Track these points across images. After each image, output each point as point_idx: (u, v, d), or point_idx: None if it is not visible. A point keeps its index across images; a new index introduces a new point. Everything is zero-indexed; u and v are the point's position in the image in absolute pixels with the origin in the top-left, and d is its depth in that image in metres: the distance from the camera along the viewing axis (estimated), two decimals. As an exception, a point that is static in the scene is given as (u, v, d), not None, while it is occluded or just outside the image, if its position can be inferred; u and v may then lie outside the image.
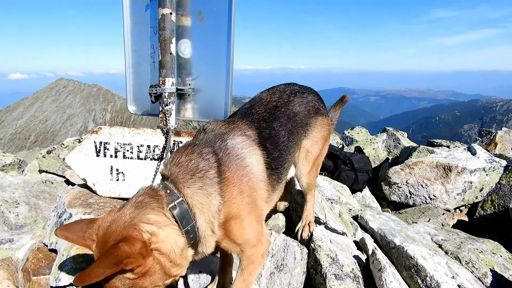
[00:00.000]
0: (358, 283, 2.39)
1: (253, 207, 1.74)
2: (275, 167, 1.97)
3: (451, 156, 4.73)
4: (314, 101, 2.39)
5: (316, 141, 2.39)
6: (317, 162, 2.52)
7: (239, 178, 1.69)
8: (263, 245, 1.84)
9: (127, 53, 2.86)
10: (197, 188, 1.59)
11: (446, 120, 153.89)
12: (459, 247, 3.28)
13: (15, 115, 75.78)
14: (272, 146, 1.98)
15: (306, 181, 2.51)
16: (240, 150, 1.76)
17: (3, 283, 2.47)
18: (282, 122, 2.10)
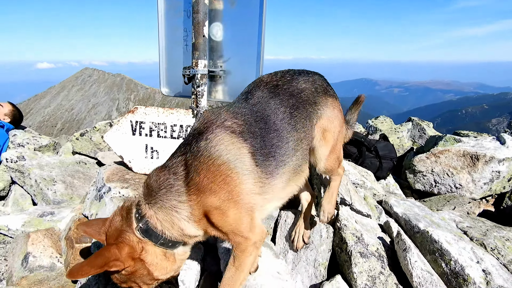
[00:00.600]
0: (382, 262, 2.45)
1: (237, 202, 1.73)
2: (268, 152, 1.88)
3: (479, 145, 4.66)
4: (321, 81, 2.30)
5: (331, 120, 2.23)
6: (337, 147, 2.35)
7: (211, 180, 1.68)
8: (255, 236, 1.83)
9: (161, 37, 2.98)
10: (159, 207, 1.72)
11: (473, 114, 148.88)
12: (485, 234, 3.27)
13: (42, 103, 78.31)
14: (265, 128, 1.91)
15: (326, 166, 2.29)
16: (213, 149, 1.72)
17: (48, 250, 2.67)
18: (282, 98, 2.04)
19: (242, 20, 2.75)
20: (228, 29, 2.83)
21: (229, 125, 1.81)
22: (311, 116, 2.15)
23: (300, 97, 2.12)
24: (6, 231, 2.94)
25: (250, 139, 1.83)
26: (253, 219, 1.82)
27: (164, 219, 1.72)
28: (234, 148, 1.76)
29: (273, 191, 1.95)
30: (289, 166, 2.00)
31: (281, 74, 2.21)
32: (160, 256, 1.77)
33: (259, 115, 1.93)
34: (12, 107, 5.60)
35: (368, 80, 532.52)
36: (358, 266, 2.36)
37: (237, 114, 1.89)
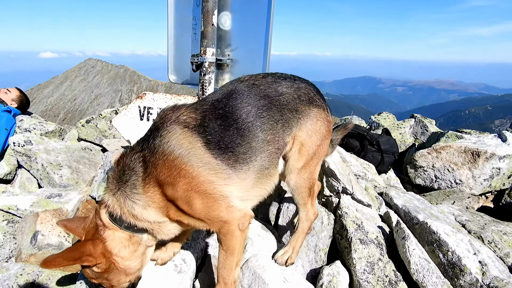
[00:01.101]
0: (381, 249, 2.52)
1: (199, 192, 1.78)
2: (225, 147, 1.87)
3: (480, 142, 4.70)
4: (307, 89, 2.21)
5: (310, 134, 2.15)
6: (312, 163, 2.23)
7: (167, 174, 1.74)
8: (236, 219, 1.87)
9: (170, 25, 3.03)
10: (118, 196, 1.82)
11: (477, 115, 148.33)
12: (483, 227, 3.33)
13: (45, 93, 78.45)
14: (224, 124, 1.90)
15: (295, 180, 2.21)
16: (166, 145, 1.77)
17: (56, 230, 2.75)
18: (253, 98, 2.01)
19: (250, 10, 2.79)
20: (236, 19, 2.88)
21: (183, 120, 1.85)
22: (289, 122, 2.09)
23: (277, 100, 2.06)
24: (15, 210, 3.02)
25: (205, 133, 1.84)
26: (230, 205, 1.86)
27: (120, 206, 1.82)
28: (186, 142, 1.79)
29: (243, 185, 1.95)
30: (253, 166, 1.97)
31: (264, 75, 2.18)
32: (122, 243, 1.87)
33: (221, 112, 1.93)
34: (19, 92, 5.66)
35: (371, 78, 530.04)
36: (357, 252, 2.43)
37: (196, 110, 1.92)
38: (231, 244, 1.92)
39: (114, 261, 1.84)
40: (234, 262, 1.97)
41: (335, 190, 2.98)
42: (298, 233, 2.40)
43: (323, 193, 3.02)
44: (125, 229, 1.85)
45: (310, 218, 2.38)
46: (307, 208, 2.34)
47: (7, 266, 2.26)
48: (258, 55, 2.81)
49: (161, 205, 1.82)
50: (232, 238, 1.90)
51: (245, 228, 1.93)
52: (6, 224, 2.93)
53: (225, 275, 1.98)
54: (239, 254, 1.99)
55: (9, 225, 2.93)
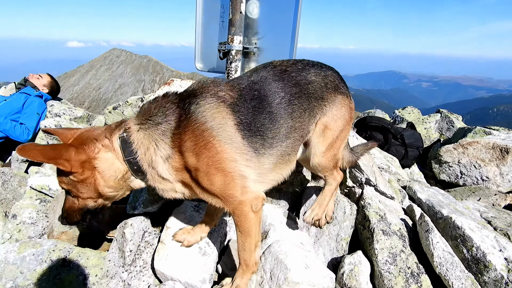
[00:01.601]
0: (404, 241, 2.50)
1: (219, 168, 1.79)
2: (257, 129, 1.90)
3: (510, 139, 4.57)
4: (333, 77, 2.27)
5: (335, 119, 2.22)
6: (336, 145, 2.31)
7: (194, 142, 1.77)
8: (249, 200, 1.89)
9: (198, 13, 3.07)
10: (145, 130, 1.82)
11: (505, 113, 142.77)
12: (510, 225, 3.25)
13: (72, 81, 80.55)
14: (256, 108, 1.92)
15: (319, 160, 2.29)
16: (201, 115, 1.79)
17: (86, 210, 2.86)
18: (286, 84, 2.04)
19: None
20: (264, 7, 2.88)
21: (222, 95, 1.88)
22: (314, 110, 2.15)
23: (306, 88, 2.11)
24: (47, 190, 3.15)
25: (239, 113, 1.87)
26: (245, 186, 1.89)
27: (142, 142, 1.83)
28: (219, 117, 1.82)
29: (261, 170, 1.98)
30: (277, 151, 2.02)
31: (294, 61, 2.22)
32: (115, 172, 1.86)
33: (257, 94, 1.96)
34: (50, 78, 5.86)
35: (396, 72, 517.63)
36: (380, 243, 2.42)
37: (233, 88, 1.95)
38: (246, 225, 1.95)
39: (95, 179, 1.83)
40: (252, 244, 2.01)
41: (358, 181, 2.97)
42: (325, 192, 2.54)
43: (346, 183, 3.02)
44: (127, 163, 1.85)
45: (337, 179, 2.52)
46: (334, 174, 2.47)
47: (41, 242, 2.37)
48: (285, 44, 2.82)
49: (179, 166, 1.84)
50: (246, 220, 1.93)
51: (258, 210, 1.96)
52: (39, 203, 3.07)
53: (246, 257, 2.02)
54: (257, 235, 2.02)
55: (42, 204, 3.07)
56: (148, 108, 1.89)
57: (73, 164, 1.72)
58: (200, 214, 2.57)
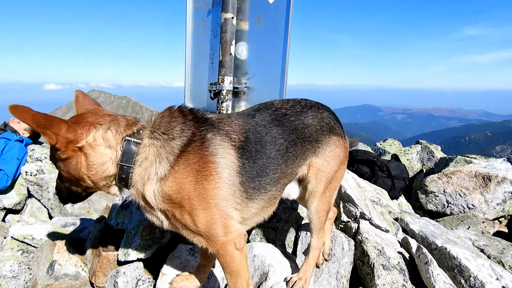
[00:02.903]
0: (404, 275, 2.48)
1: (209, 203, 1.76)
2: (255, 174, 1.91)
3: (490, 166, 4.71)
4: (329, 118, 2.27)
5: (328, 161, 2.22)
6: (331, 187, 2.29)
7: (198, 168, 1.74)
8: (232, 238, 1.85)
9: (188, 55, 3.14)
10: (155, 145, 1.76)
11: (477, 141, 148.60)
12: (502, 252, 3.28)
13: (49, 124, 79.00)
14: (259, 153, 1.93)
15: (317, 203, 2.26)
16: (213, 146, 1.80)
17: (73, 259, 2.72)
18: (285, 130, 2.05)
19: (267, 39, 2.91)
20: (253, 49, 2.99)
21: (233, 138, 1.88)
22: (306, 153, 2.15)
23: (303, 133, 2.11)
24: (30, 240, 2.99)
25: (244, 157, 1.87)
26: (229, 225, 1.84)
27: (148, 158, 1.75)
28: (229, 156, 1.82)
29: (247, 213, 1.96)
30: (267, 196, 2.00)
31: (293, 103, 2.22)
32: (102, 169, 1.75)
33: (259, 137, 1.96)
34: (31, 123, 5.74)
35: (371, 106, 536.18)
36: (381, 278, 2.39)
37: (242, 128, 1.94)
38: (234, 265, 1.90)
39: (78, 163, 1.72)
40: (244, 283, 1.94)
41: (352, 215, 2.97)
42: (309, 261, 2.39)
43: (341, 218, 3.00)
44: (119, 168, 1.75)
45: (320, 246, 2.41)
46: (320, 235, 2.36)
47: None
48: (275, 83, 2.90)
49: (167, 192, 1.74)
50: (232, 259, 1.88)
51: (242, 247, 1.90)
52: (21, 254, 2.90)
53: None
54: (246, 273, 1.96)
55: (24, 255, 2.90)
56: (165, 121, 1.84)
57: (59, 140, 1.64)
58: (195, 258, 2.48)
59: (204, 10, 3.02)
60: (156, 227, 2.52)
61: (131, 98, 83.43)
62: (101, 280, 2.48)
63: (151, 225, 2.56)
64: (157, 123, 1.84)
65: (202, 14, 3.04)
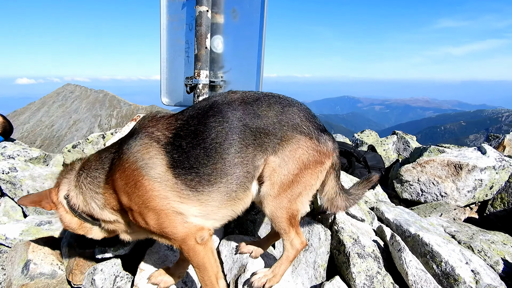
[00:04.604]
0: (378, 262, 2.56)
1: (151, 207, 1.83)
2: (189, 166, 1.86)
3: (462, 155, 4.89)
4: (294, 114, 2.06)
5: (286, 161, 2.00)
6: (292, 192, 2.06)
7: (125, 181, 1.85)
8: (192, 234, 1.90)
9: (163, 49, 3.10)
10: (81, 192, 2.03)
11: (452, 130, 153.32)
12: (471, 237, 3.43)
13: (21, 119, 76.53)
14: (192, 143, 1.88)
15: (270, 208, 2.06)
16: (132, 155, 1.86)
17: (48, 258, 2.67)
18: (229, 117, 1.94)
19: (243, 32, 2.91)
20: (229, 42, 2.98)
21: (156, 136, 1.91)
22: (262, 145, 1.98)
23: (254, 122, 1.97)
24: (3, 240, 2.91)
25: (172, 152, 1.87)
26: (184, 221, 1.90)
27: (82, 202, 2.04)
28: (151, 157, 1.86)
29: (205, 206, 1.93)
30: (218, 188, 1.92)
31: (251, 94, 2.10)
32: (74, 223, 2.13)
33: (192, 129, 1.92)
34: (2, 118, 5.56)
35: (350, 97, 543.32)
36: (356, 266, 2.46)
37: (170, 125, 1.96)
38: (197, 259, 1.94)
39: None
40: (212, 276, 1.98)
41: (329, 206, 3.03)
42: (282, 260, 2.27)
43: (320, 209, 3.06)
44: (79, 217, 2.09)
45: (296, 247, 2.23)
46: (291, 237, 2.20)
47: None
48: (251, 76, 2.91)
49: (117, 207, 1.96)
50: (195, 254, 1.93)
51: (205, 241, 1.94)
52: (-6, 254, 2.83)
53: None
54: (213, 267, 2.00)
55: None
56: (87, 167, 2.07)
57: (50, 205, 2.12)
58: (174, 252, 2.49)
59: (179, 3, 2.98)
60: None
61: (109, 92, 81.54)
62: (78, 278, 2.46)
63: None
64: (81, 168, 2.10)
65: (176, 7, 3.01)
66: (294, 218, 2.15)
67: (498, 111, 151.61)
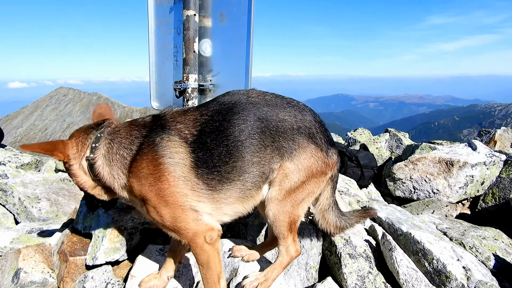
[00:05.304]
0: (370, 262, 2.57)
1: (169, 201, 1.88)
2: (212, 165, 1.92)
3: (453, 152, 4.93)
4: (311, 124, 2.13)
5: (299, 169, 2.06)
6: (296, 197, 2.11)
7: (149, 172, 1.90)
8: (202, 232, 1.94)
9: (151, 53, 3.09)
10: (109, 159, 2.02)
11: (446, 125, 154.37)
12: (463, 234, 3.46)
13: (14, 123, 75.98)
14: (216, 140, 1.94)
15: (274, 211, 2.10)
16: (161, 148, 1.91)
17: (39, 266, 2.65)
18: (250, 117, 1.99)
19: (230, 36, 2.91)
20: (217, 45, 2.98)
21: (185, 134, 1.97)
22: (281, 150, 2.04)
23: (275, 125, 2.03)
24: (-7, 248, 2.90)
25: (197, 150, 1.93)
26: (197, 219, 1.95)
27: (107, 174, 2.02)
28: (178, 154, 1.91)
29: (219, 204, 2.01)
30: (236, 185, 1.99)
31: (275, 96, 2.15)
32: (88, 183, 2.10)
33: (217, 125, 1.97)
34: (-8, 125, 5.51)
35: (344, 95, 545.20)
36: (348, 266, 2.47)
37: (196, 121, 2.01)
38: (203, 257, 1.98)
39: None
40: (215, 276, 2.02)
41: (321, 206, 3.03)
42: (275, 265, 2.29)
43: (309, 210, 3.07)
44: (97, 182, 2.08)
45: (291, 254, 2.26)
46: (288, 243, 2.22)
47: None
48: (239, 79, 2.91)
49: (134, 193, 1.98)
50: (202, 251, 1.97)
51: (214, 241, 1.99)
52: (-16, 263, 2.80)
53: None
54: (217, 267, 2.03)
55: (-13, 265, 2.80)
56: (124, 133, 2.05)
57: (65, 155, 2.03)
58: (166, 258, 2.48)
59: (166, 7, 2.98)
60: (123, 229, 2.53)
61: (102, 94, 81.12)
62: (70, 286, 2.44)
63: (119, 227, 2.54)
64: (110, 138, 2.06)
65: (164, 11, 3.00)
66: (295, 224, 2.20)
67: (490, 106, 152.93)
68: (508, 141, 6.44)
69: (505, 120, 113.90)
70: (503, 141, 6.47)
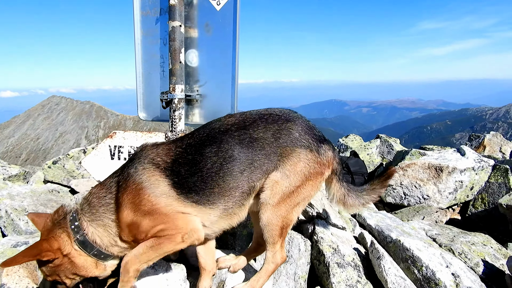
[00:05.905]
0: (359, 271, 2.57)
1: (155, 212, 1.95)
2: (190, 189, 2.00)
3: (442, 158, 4.97)
4: (291, 130, 2.12)
5: (288, 175, 2.07)
6: (290, 202, 2.13)
7: (132, 197, 1.96)
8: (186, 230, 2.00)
9: (138, 64, 3.09)
10: (98, 225, 2.05)
11: (438, 130, 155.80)
12: (452, 240, 3.47)
13: (6, 133, 75.27)
14: (190, 171, 2.01)
15: (268, 216, 2.11)
16: (138, 176, 1.99)
17: (23, 281, 2.60)
18: (221, 148, 2.04)
19: (217, 46, 2.93)
20: (203, 56, 2.99)
21: (157, 161, 2.05)
22: (261, 167, 2.07)
23: (251, 146, 2.06)
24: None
25: (172, 176, 2.01)
26: (188, 219, 2.01)
27: (103, 235, 2.05)
28: (153, 179, 2.00)
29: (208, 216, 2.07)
30: (217, 207, 2.05)
31: (245, 116, 2.18)
32: (90, 262, 2.08)
33: (190, 158, 2.05)
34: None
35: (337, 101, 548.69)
36: (336, 276, 2.46)
37: (169, 151, 2.10)
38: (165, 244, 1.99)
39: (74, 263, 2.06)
40: (149, 257, 2.02)
41: (309, 216, 3.04)
42: (261, 273, 2.29)
43: (298, 218, 3.06)
44: (94, 256, 2.07)
45: (277, 260, 2.26)
46: (276, 249, 2.22)
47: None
48: (226, 89, 2.92)
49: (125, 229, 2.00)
50: (171, 242, 1.99)
51: (186, 242, 2.01)
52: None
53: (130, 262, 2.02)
54: (158, 256, 2.05)
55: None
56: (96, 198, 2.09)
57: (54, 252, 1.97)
58: (153, 269, 2.45)
59: (152, 18, 2.98)
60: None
61: (95, 102, 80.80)
62: (55, 301, 2.40)
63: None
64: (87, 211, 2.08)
65: (150, 22, 3.00)
66: (286, 229, 2.22)
67: (482, 109, 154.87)
68: (497, 146, 6.52)
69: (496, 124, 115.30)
70: (492, 146, 6.55)
